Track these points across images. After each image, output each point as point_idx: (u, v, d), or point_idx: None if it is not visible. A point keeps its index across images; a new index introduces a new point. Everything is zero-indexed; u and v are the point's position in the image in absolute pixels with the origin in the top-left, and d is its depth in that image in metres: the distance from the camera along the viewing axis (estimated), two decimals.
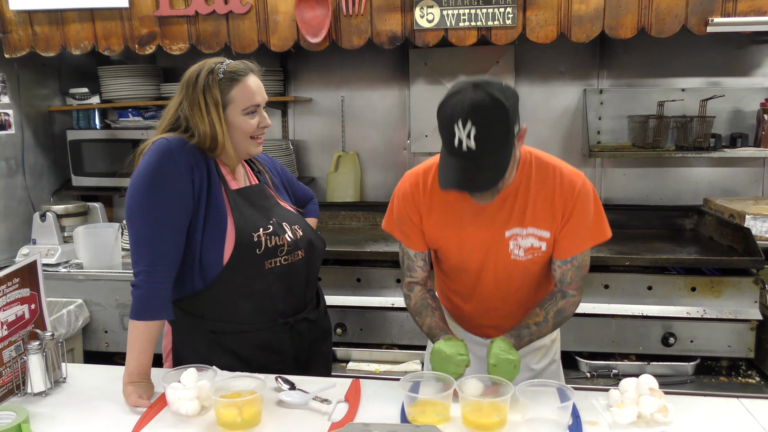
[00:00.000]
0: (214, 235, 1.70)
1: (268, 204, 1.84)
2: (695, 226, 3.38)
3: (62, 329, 2.84)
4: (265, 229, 1.75)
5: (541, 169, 1.68)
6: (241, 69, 1.73)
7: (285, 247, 1.78)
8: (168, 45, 3.04)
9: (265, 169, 1.96)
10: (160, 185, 1.64)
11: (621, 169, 3.58)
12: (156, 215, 1.64)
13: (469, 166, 1.48)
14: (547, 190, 1.67)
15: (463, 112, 1.44)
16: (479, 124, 1.44)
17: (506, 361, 1.58)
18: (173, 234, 1.66)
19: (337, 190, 3.74)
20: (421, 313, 1.80)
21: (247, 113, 1.73)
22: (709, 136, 3.28)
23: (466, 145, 1.45)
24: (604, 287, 2.76)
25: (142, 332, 1.67)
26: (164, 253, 1.65)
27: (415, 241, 1.80)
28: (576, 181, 1.67)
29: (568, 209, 1.66)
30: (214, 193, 1.71)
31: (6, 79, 3.32)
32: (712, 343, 2.71)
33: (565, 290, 1.76)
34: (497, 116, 1.45)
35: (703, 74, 3.43)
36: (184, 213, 1.67)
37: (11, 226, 3.39)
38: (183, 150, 1.68)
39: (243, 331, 1.77)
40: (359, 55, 3.30)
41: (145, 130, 3.48)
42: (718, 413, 1.54)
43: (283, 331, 1.81)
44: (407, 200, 1.76)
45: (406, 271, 1.87)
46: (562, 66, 3.54)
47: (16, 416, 1.47)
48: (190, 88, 1.70)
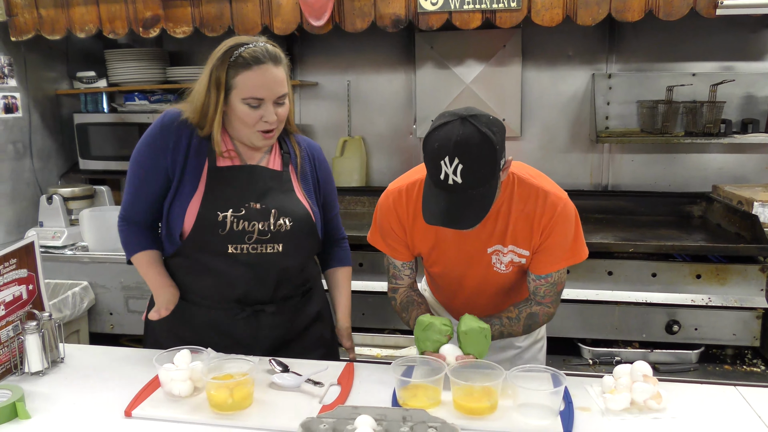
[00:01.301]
0: (179, 206, 1.74)
1: (271, 186, 1.76)
2: (703, 213, 3.34)
3: (67, 311, 2.87)
4: (236, 211, 1.72)
5: (522, 189, 1.67)
6: (260, 57, 1.65)
7: (254, 235, 1.72)
8: (172, 28, 3.03)
9: (301, 158, 1.86)
10: (141, 157, 1.77)
11: (629, 155, 3.53)
12: (137, 180, 1.80)
13: (454, 200, 1.48)
14: (528, 210, 1.66)
15: (450, 149, 1.43)
16: (466, 161, 1.43)
17: (477, 330, 1.59)
18: (147, 197, 1.79)
19: (342, 175, 3.73)
20: (407, 308, 1.82)
21: (248, 104, 1.66)
22: (720, 122, 3.22)
23: (452, 180, 1.44)
24: (608, 274, 2.74)
25: (142, 263, 1.81)
26: (138, 210, 1.81)
27: (401, 252, 1.81)
28: (557, 204, 1.65)
29: (547, 229, 1.66)
30: (191, 166, 1.74)
31: (13, 63, 3.34)
32: (716, 331, 2.69)
33: (539, 302, 1.77)
34: (484, 152, 1.44)
35: (714, 58, 3.36)
36: (159, 183, 1.77)
37: (19, 208, 3.42)
38: (171, 126, 1.74)
39: (196, 304, 1.81)
40: (365, 38, 3.28)
41: (151, 113, 3.48)
42: (713, 401, 1.52)
43: (238, 317, 1.79)
44: (391, 215, 1.75)
45: (391, 278, 1.88)
46: (571, 50, 3.49)
47: (11, 395, 1.48)
48: (210, 60, 1.70)
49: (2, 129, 3.29)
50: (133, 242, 1.83)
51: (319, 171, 1.91)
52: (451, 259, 1.76)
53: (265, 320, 1.81)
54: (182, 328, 1.82)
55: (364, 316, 2.90)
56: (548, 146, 3.58)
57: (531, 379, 1.48)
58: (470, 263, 1.75)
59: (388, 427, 1.31)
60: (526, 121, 3.57)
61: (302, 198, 1.81)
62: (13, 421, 1.45)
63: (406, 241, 1.77)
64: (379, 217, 1.80)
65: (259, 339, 1.81)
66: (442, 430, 1.30)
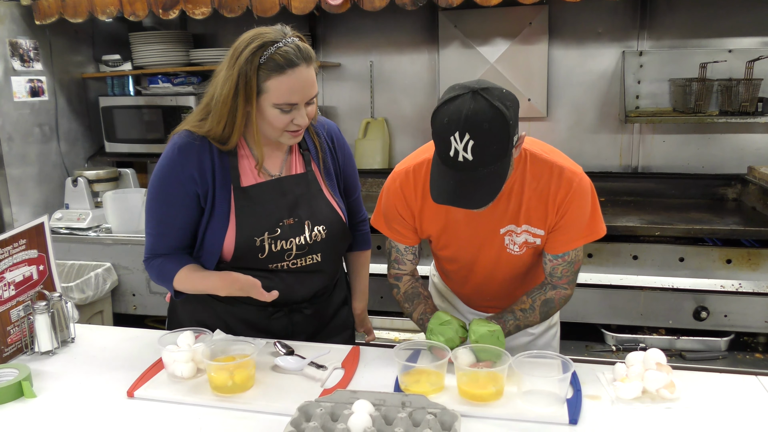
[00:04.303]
0: (213, 234, 1.66)
1: (299, 194, 1.70)
2: (738, 196, 3.21)
3: (90, 292, 2.91)
4: (272, 233, 1.65)
5: (536, 166, 1.58)
6: (293, 59, 1.52)
7: (293, 251, 1.68)
8: (191, 9, 3.02)
9: (323, 150, 1.78)
10: (164, 190, 1.65)
11: (660, 135, 3.41)
12: (161, 218, 1.67)
13: (464, 179, 1.39)
14: (541, 188, 1.58)
15: (460, 124, 1.34)
16: (477, 137, 1.34)
17: (487, 335, 1.54)
18: (177, 232, 1.68)
19: (365, 157, 3.70)
20: (412, 301, 1.76)
21: (280, 108, 1.56)
22: (756, 100, 3.08)
23: (462, 157, 1.36)
24: (633, 258, 2.65)
25: (189, 275, 1.66)
26: (166, 245, 1.69)
27: (407, 236, 1.74)
28: (573, 179, 1.56)
29: (563, 207, 1.57)
30: (219, 189, 1.64)
31: (39, 46, 3.38)
32: (747, 318, 2.59)
33: (556, 284, 1.70)
34: (496, 127, 1.34)
35: (751, 34, 3.20)
36: (187, 215, 1.66)
37: (47, 190, 3.48)
38: (190, 156, 1.61)
39: (230, 303, 1.74)
40: (388, 18, 3.23)
41: (174, 96, 3.49)
42: (730, 390, 1.45)
43: (273, 317, 1.76)
44: (398, 198, 1.68)
45: (393, 263, 1.80)
46: (600, 27, 3.37)
47: (18, 373, 1.50)
48: (233, 60, 1.55)
49: (29, 112, 3.34)
50: (167, 267, 1.67)
51: (339, 153, 1.84)
52: (462, 242, 1.70)
53: (299, 318, 1.79)
54: (210, 318, 1.76)
55: (382, 300, 2.87)
56: (576, 127, 3.48)
57: (538, 366, 1.44)
58: (482, 245, 1.68)
59: (387, 412, 1.28)
60: (553, 101, 3.47)
61: (330, 197, 1.76)
62: (18, 399, 1.46)
63: (414, 225, 1.71)
64: (384, 201, 1.73)
65: (294, 334, 1.79)
66: (442, 416, 1.27)
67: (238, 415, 1.38)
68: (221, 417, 1.38)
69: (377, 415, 1.25)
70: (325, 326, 1.86)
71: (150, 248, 1.70)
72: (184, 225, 1.67)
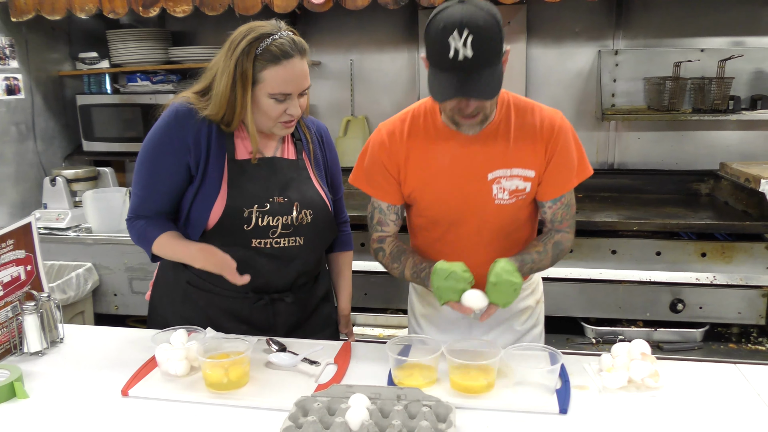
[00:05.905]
0: (203, 202, 1.68)
1: (290, 177, 1.75)
2: (711, 191, 3.30)
3: (71, 292, 2.88)
4: (261, 207, 1.69)
5: (518, 106, 1.66)
6: (288, 51, 1.59)
7: (278, 230, 1.71)
8: (172, 7, 3.01)
9: (313, 143, 1.84)
10: (156, 153, 1.69)
11: (636, 132, 3.48)
12: (151, 179, 1.72)
13: (466, 76, 1.44)
14: (527, 128, 1.64)
15: (458, 23, 1.40)
16: (476, 32, 1.40)
17: (507, 283, 1.53)
18: (163, 195, 1.72)
19: (345, 155, 3.69)
20: (399, 258, 1.74)
21: (274, 98, 1.62)
22: (728, 98, 3.17)
23: (463, 54, 1.40)
24: (612, 252, 2.72)
25: (169, 242, 1.71)
26: (151, 207, 1.73)
27: (390, 193, 1.73)
28: (555, 119, 1.66)
29: (550, 147, 1.64)
30: (213, 161, 1.68)
31: (14, 44, 3.33)
32: (721, 309, 2.67)
33: (558, 228, 1.75)
34: (492, 24, 1.42)
35: (723, 34, 3.29)
36: (179, 180, 1.70)
37: (23, 190, 3.43)
38: (187, 124, 1.66)
39: (212, 292, 1.76)
40: (368, 17, 3.24)
41: (153, 94, 3.46)
42: (712, 379, 1.50)
43: (256, 305, 1.77)
44: (384, 148, 1.69)
45: (376, 225, 1.79)
46: (577, 26, 3.43)
47: (10, 374, 1.49)
48: (230, 52, 1.61)
49: (5, 111, 3.30)
50: (149, 230, 1.72)
51: (328, 152, 1.89)
52: (446, 195, 1.68)
53: (282, 307, 1.80)
54: (192, 311, 1.78)
55: (366, 296, 2.90)
56: None
57: (528, 358, 1.47)
58: (468, 196, 1.67)
59: (383, 406, 1.31)
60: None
61: (318, 186, 1.80)
62: (11, 400, 1.46)
63: (398, 177, 1.70)
64: (368, 153, 1.73)
65: (276, 325, 1.80)
66: (437, 408, 1.30)
67: (234, 411, 1.39)
68: (217, 413, 1.39)
69: (374, 409, 1.28)
70: (307, 319, 1.87)
71: (134, 209, 1.75)
72: (171, 191, 1.71)
